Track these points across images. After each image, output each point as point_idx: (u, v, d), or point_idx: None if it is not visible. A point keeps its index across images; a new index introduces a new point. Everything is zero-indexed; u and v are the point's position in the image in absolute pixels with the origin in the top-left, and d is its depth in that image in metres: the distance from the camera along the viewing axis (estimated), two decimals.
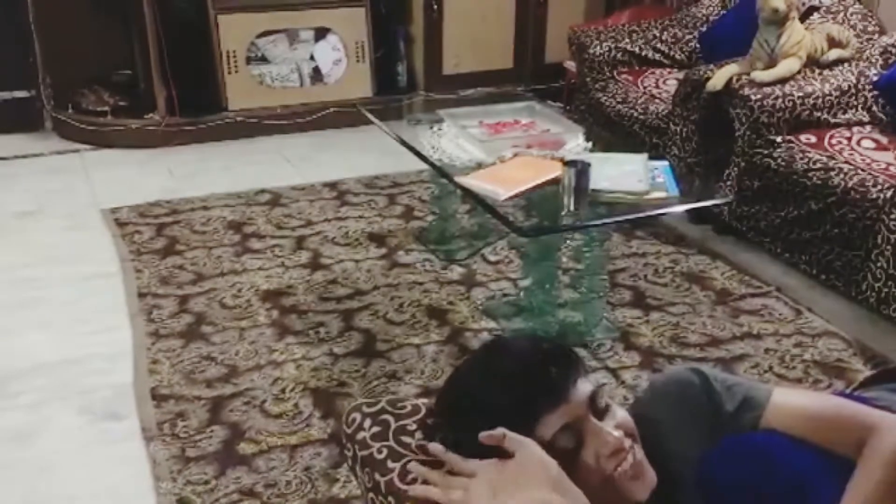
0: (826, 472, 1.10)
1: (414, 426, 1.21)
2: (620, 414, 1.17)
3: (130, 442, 2.15)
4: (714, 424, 1.18)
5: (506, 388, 1.12)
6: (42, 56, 4.33)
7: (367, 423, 1.22)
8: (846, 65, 3.19)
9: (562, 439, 1.11)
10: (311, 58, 4.52)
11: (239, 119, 4.34)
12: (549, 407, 1.10)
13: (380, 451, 1.17)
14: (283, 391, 2.33)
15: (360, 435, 1.21)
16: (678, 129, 3.30)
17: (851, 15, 3.38)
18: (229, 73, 4.35)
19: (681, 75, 3.48)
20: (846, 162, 2.81)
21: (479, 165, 2.52)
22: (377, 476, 1.15)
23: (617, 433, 1.12)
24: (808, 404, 1.17)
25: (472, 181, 2.41)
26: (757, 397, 1.18)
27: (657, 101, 3.58)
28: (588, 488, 1.10)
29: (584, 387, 1.14)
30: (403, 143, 2.78)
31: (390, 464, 1.15)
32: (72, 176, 3.92)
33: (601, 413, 1.14)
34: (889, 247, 2.52)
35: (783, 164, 2.93)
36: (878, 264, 2.57)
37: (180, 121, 4.27)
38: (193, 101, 4.28)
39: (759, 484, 1.11)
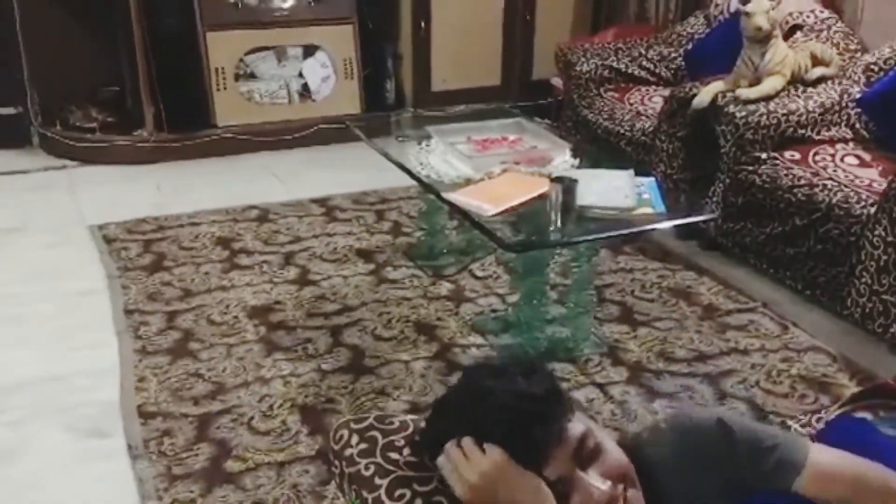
0: None
1: (402, 442, 1.21)
2: (611, 457, 1.13)
3: (116, 460, 2.14)
4: (732, 480, 1.13)
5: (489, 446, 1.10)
6: (29, 72, 4.32)
7: (355, 439, 1.22)
8: (829, 82, 3.22)
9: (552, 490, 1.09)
10: (300, 75, 4.53)
11: (227, 135, 4.34)
12: (534, 467, 1.09)
13: (367, 468, 1.17)
14: (270, 408, 2.32)
15: (348, 451, 1.21)
16: (664, 145, 3.32)
17: (834, 33, 3.42)
18: (218, 89, 4.35)
19: (666, 92, 3.52)
20: (830, 178, 2.84)
21: (467, 181, 2.53)
22: (365, 493, 1.15)
23: (605, 486, 1.09)
24: (849, 469, 1.12)
25: (460, 197, 2.42)
26: (794, 460, 1.12)
27: (643, 117, 3.60)
28: None
29: (570, 435, 1.10)
30: (391, 159, 2.79)
31: (377, 480, 1.15)
32: (59, 192, 3.91)
33: (590, 460, 1.11)
34: (873, 262, 2.55)
35: (768, 180, 2.95)
36: (863, 280, 2.59)
37: (168, 137, 4.26)
38: (182, 118, 4.28)
39: None
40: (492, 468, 1.07)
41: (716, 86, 3.18)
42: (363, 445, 1.20)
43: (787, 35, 3.40)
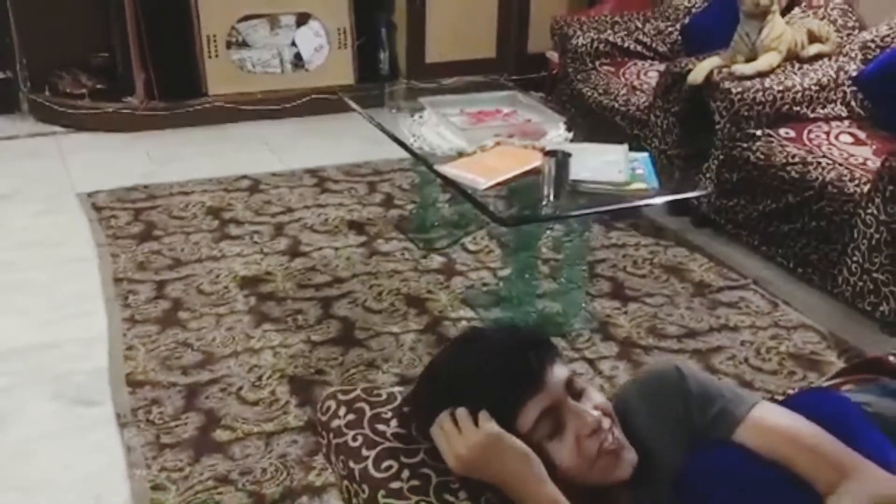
0: (791, 495, 1.10)
1: (389, 414, 1.21)
2: (597, 396, 1.19)
3: (105, 428, 2.14)
4: (686, 426, 1.18)
5: (485, 378, 1.13)
6: (19, 37, 4.26)
7: (343, 410, 1.22)
8: (826, 60, 3.21)
9: (541, 427, 1.13)
10: (293, 44, 4.49)
11: (219, 104, 4.30)
12: (529, 393, 1.12)
13: (354, 439, 1.17)
14: (260, 378, 2.32)
15: (335, 423, 1.21)
16: (659, 120, 3.30)
17: (832, 10, 3.39)
18: (209, 57, 4.31)
19: (662, 67, 3.49)
20: (824, 156, 2.83)
21: (460, 154, 2.51)
22: (352, 464, 1.15)
23: (595, 413, 1.15)
24: (789, 427, 1.15)
25: (452, 170, 2.40)
26: (735, 412, 1.17)
27: (638, 92, 3.58)
28: (570, 476, 1.12)
29: (560, 371, 1.16)
30: (384, 130, 2.77)
31: (365, 451, 1.15)
32: (48, 159, 3.88)
33: (578, 395, 1.17)
34: (865, 241, 2.55)
35: (762, 157, 2.94)
36: (854, 258, 2.59)
37: (159, 105, 4.22)
38: (173, 86, 4.24)
39: (735, 501, 1.12)
40: (485, 440, 1.09)
41: (712, 61, 3.16)
42: (350, 416, 1.20)
43: (785, 11, 3.37)
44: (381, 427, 1.18)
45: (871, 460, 1.10)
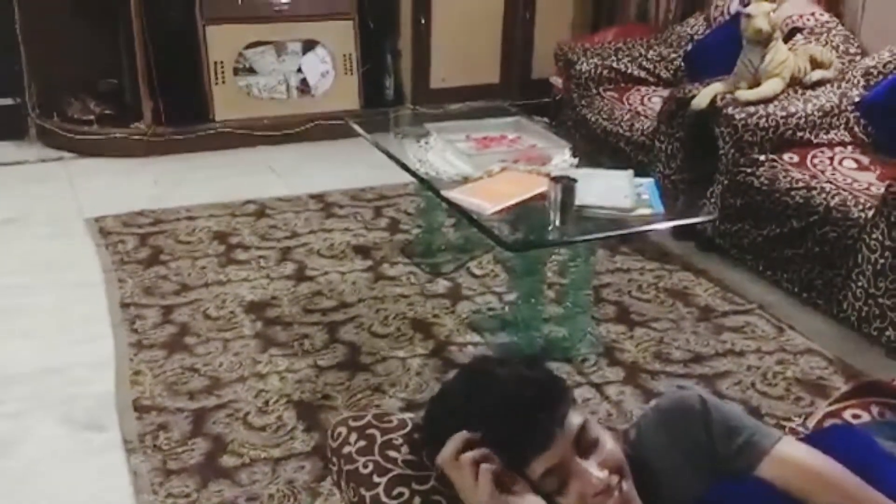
0: None
1: (400, 441, 1.21)
2: (608, 448, 1.15)
3: (112, 453, 2.13)
4: (708, 457, 1.17)
5: (494, 431, 1.11)
6: (27, 63, 4.30)
7: (353, 437, 1.22)
8: (829, 85, 3.23)
9: (546, 483, 1.11)
10: (299, 70, 4.52)
11: (225, 130, 4.33)
12: (536, 452, 1.10)
13: (365, 466, 1.17)
14: (266, 403, 2.32)
15: (346, 449, 1.21)
16: (663, 146, 3.32)
17: (834, 36, 3.42)
18: (216, 83, 4.34)
19: (666, 93, 3.52)
20: (828, 181, 2.84)
21: (466, 179, 2.52)
22: (363, 491, 1.15)
23: (602, 474, 1.12)
24: (813, 465, 1.15)
25: (458, 195, 2.42)
26: (760, 444, 1.16)
27: (642, 118, 3.60)
28: None
29: (570, 424, 1.12)
30: (390, 155, 2.78)
31: (376, 478, 1.15)
32: (56, 184, 3.90)
33: (588, 450, 1.14)
34: (869, 266, 2.55)
35: (766, 182, 2.96)
36: (859, 283, 2.60)
37: (166, 130, 4.25)
38: (180, 111, 4.27)
39: None
40: (489, 501, 1.08)
41: (715, 87, 3.18)
42: (361, 443, 1.20)
43: (787, 37, 3.40)
44: (392, 454, 1.18)
45: (892, 498, 1.10)
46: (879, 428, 1.34)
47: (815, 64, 3.26)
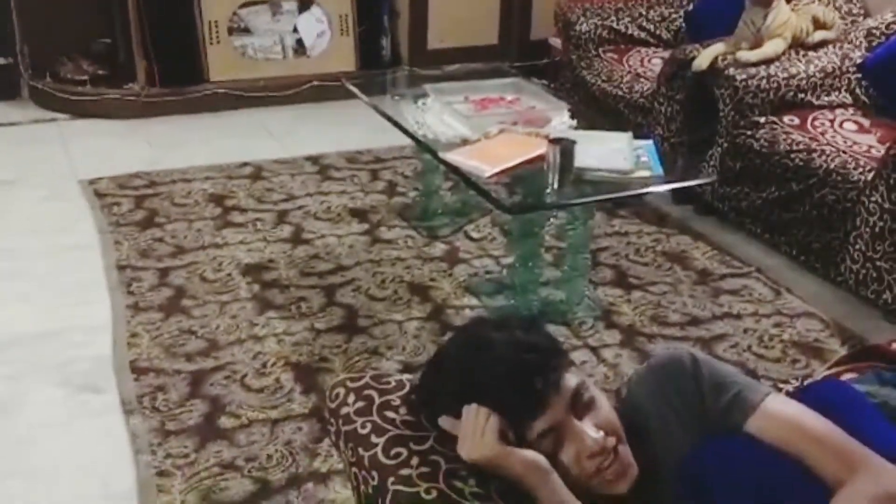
0: (801, 488, 1.10)
1: (398, 401, 1.21)
2: (604, 410, 1.16)
3: (110, 415, 2.14)
4: (698, 414, 1.18)
5: (491, 394, 1.12)
6: (20, 23, 4.24)
7: (352, 398, 1.22)
8: (831, 47, 3.19)
9: (543, 443, 1.12)
10: (295, 30, 4.47)
11: (220, 91, 4.29)
12: (533, 414, 1.11)
13: (364, 426, 1.18)
14: (264, 366, 2.32)
15: (344, 410, 1.21)
16: (663, 108, 3.29)
17: None
18: (211, 43, 4.29)
19: (666, 54, 3.48)
20: (828, 144, 2.83)
21: (464, 141, 2.50)
22: (361, 451, 1.15)
23: (597, 435, 1.13)
24: (801, 419, 1.15)
25: (456, 157, 2.40)
26: (749, 399, 1.17)
27: (642, 79, 3.57)
28: (570, 480, 1.12)
29: (566, 386, 1.14)
30: (387, 117, 2.76)
31: (374, 438, 1.16)
32: (50, 146, 3.87)
33: (584, 410, 1.15)
34: (867, 229, 2.55)
35: (766, 144, 2.94)
36: (857, 246, 2.59)
37: (160, 91, 4.21)
38: (174, 72, 4.22)
39: (741, 493, 1.12)
40: (490, 454, 1.10)
41: (716, 48, 3.14)
42: (360, 404, 1.20)
43: None
44: (390, 414, 1.18)
45: (880, 452, 1.10)
46: (866, 379, 1.35)
47: (818, 24, 3.22)
